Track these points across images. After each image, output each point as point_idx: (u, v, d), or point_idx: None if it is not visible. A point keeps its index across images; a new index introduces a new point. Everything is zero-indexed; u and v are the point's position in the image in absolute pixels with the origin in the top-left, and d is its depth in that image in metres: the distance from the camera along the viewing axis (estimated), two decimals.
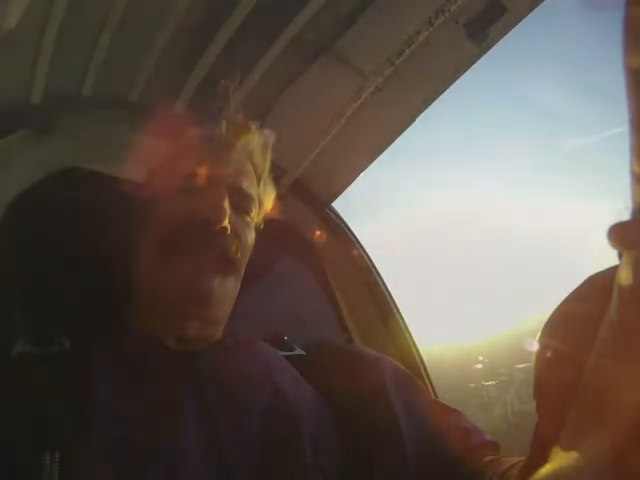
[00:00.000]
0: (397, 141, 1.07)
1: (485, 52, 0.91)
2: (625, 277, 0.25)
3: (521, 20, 0.86)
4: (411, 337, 1.12)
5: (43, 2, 0.73)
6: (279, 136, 0.71)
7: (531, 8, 0.85)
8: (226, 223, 0.58)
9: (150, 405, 0.49)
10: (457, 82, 0.96)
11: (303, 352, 0.66)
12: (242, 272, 0.63)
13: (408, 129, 1.04)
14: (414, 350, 1.11)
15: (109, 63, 0.87)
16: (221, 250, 0.59)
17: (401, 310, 1.15)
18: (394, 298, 1.15)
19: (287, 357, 0.63)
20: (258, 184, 0.67)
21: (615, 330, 0.27)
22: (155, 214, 0.61)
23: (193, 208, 0.59)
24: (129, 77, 0.93)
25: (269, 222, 0.71)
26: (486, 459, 0.51)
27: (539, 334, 0.35)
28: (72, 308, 0.72)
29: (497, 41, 0.89)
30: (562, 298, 0.35)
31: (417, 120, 1.02)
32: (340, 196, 1.18)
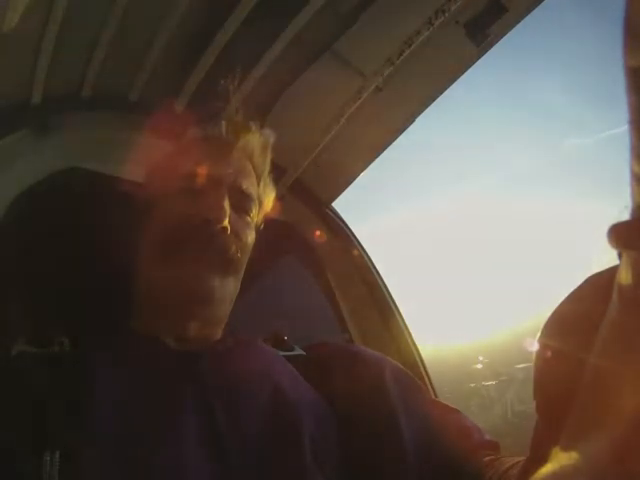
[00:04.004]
0: (397, 141, 1.07)
1: (485, 52, 0.91)
2: (625, 277, 0.25)
3: (521, 20, 0.87)
4: (411, 337, 1.12)
5: (43, 2, 0.73)
6: (279, 136, 0.71)
7: (531, 8, 0.85)
8: (226, 223, 0.58)
9: (150, 405, 0.49)
10: (457, 82, 0.96)
11: (303, 352, 0.66)
12: (242, 272, 0.63)
13: (408, 129, 1.04)
14: (414, 350, 1.11)
15: (109, 63, 0.87)
16: (221, 250, 0.59)
17: (401, 310, 1.15)
18: (394, 298, 1.15)
19: (287, 357, 0.63)
20: (258, 184, 0.67)
21: (615, 330, 0.26)
22: (155, 214, 0.62)
23: (193, 208, 0.59)
24: (129, 77, 0.93)
25: (269, 222, 0.71)
26: (486, 459, 0.51)
27: (539, 334, 0.35)
28: (72, 308, 0.72)
29: (497, 41, 0.90)
30: (562, 298, 0.35)
31: (417, 120, 1.03)
32: (340, 196, 1.18)
